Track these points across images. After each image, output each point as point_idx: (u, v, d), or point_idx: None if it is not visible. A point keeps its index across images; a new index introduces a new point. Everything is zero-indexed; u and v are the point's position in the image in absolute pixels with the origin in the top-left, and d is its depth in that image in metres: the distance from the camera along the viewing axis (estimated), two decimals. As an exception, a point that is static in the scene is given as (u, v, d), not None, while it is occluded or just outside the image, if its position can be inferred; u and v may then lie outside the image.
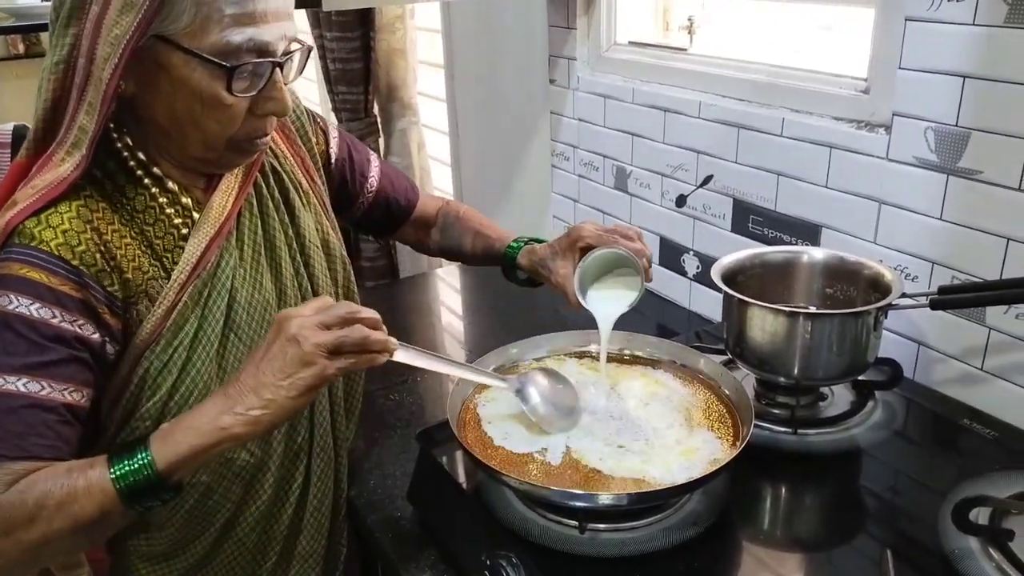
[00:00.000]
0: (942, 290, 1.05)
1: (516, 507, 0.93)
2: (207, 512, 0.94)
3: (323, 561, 1.05)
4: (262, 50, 0.82)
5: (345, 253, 1.09)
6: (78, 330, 0.81)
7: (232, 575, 0.99)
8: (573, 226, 1.07)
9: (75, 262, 0.81)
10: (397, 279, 2.53)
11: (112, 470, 0.76)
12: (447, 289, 1.86)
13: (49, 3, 0.86)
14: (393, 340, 0.81)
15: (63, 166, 0.82)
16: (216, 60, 0.79)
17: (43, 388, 0.78)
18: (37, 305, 0.79)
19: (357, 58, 2.29)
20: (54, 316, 0.79)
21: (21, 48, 3.95)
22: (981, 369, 1.12)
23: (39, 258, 0.80)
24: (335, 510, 1.05)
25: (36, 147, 0.85)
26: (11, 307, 0.78)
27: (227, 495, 0.94)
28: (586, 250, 1.04)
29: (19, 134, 2.87)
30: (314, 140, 1.08)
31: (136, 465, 0.76)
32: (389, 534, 1.01)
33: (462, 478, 0.99)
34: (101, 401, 0.87)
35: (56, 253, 0.80)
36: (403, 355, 0.83)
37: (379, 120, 2.47)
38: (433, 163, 2.58)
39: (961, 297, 1.03)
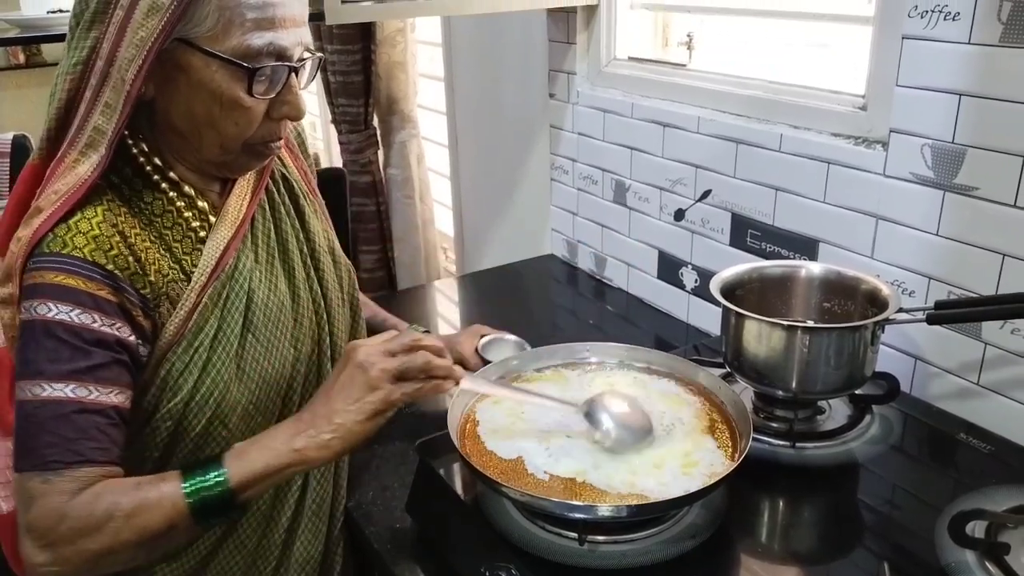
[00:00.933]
0: (939, 305, 1.06)
1: (516, 519, 0.93)
2: None
3: (319, 569, 1.05)
4: (280, 54, 0.85)
5: (349, 262, 1.11)
6: (117, 333, 0.83)
7: None
8: (474, 325, 1.33)
9: (109, 267, 0.83)
10: (395, 291, 2.54)
11: (185, 485, 0.79)
12: (445, 301, 1.86)
13: (53, 15, 0.88)
14: (459, 368, 0.87)
15: (80, 167, 0.83)
16: (237, 61, 0.82)
17: (90, 392, 0.80)
18: (77, 311, 0.81)
19: (358, 71, 2.32)
20: (94, 321, 0.81)
21: (22, 58, 3.96)
22: (977, 384, 1.13)
23: (74, 265, 0.81)
24: (332, 516, 1.06)
25: (48, 148, 0.87)
26: (51, 314, 0.80)
27: None
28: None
29: (19, 143, 2.89)
30: (310, 159, 1.13)
31: (211, 482, 0.80)
32: (388, 545, 1.01)
33: (461, 489, 0.99)
34: None
35: (90, 259, 0.82)
36: (469, 383, 0.90)
37: (379, 132, 2.49)
38: (432, 175, 2.60)
39: (957, 312, 1.04)
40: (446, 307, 1.83)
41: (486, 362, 1.29)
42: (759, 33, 1.56)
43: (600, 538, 0.89)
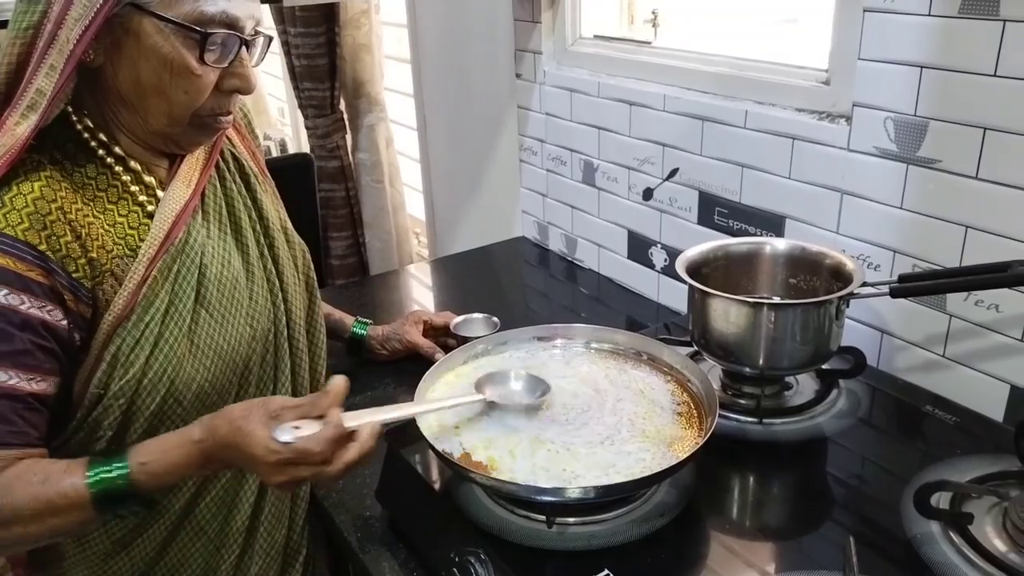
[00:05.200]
0: (902, 278, 1.06)
1: (484, 504, 0.92)
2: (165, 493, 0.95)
3: (283, 555, 1.04)
4: (232, 24, 0.85)
5: (303, 242, 1.11)
6: (46, 316, 0.81)
7: (189, 569, 0.98)
8: (411, 311, 1.39)
9: (42, 247, 0.81)
10: (367, 276, 2.52)
11: (89, 474, 0.79)
12: (418, 286, 1.85)
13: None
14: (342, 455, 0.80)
15: (19, 128, 0.82)
16: (190, 26, 0.82)
17: (9, 378, 0.79)
18: (4, 291, 0.79)
19: (322, 54, 2.28)
20: (23, 303, 0.80)
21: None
22: (943, 356, 1.14)
23: (5, 243, 0.80)
24: (295, 500, 1.06)
25: None
26: None
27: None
28: (427, 323, 1.36)
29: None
30: (258, 140, 1.12)
31: (113, 473, 0.79)
32: (358, 534, 1.00)
33: (430, 476, 0.99)
34: (72, 381, 0.88)
35: (23, 239, 0.80)
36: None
37: (346, 116, 2.46)
38: (402, 159, 2.57)
39: (921, 285, 1.04)
40: (420, 292, 1.82)
41: (461, 339, 1.28)
42: (726, 9, 1.55)
43: (569, 520, 0.89)
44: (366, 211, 2.50)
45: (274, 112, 3.49)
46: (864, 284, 1.06)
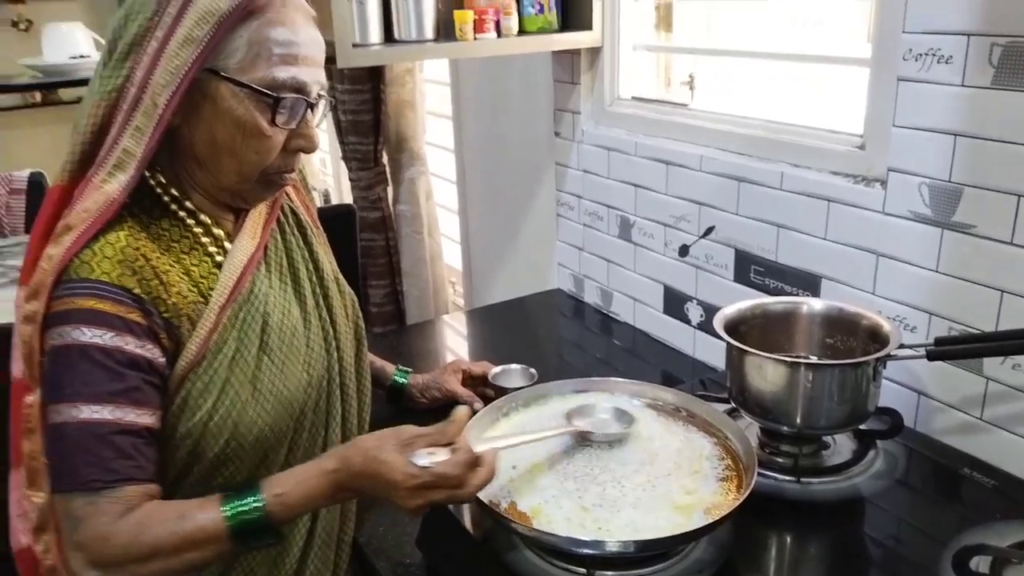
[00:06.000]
0: (939, 341, 1.07)
1: (525, 555, 0.94)
2: None
3: None
4: (300, 88, 0.91)
5: (352, 291, 1.16)
6: (148, 355, 0.87)
7: None
8: (450, 361, 1.43)
9: (136, 290, 0.87)
10: (404, 325, 2.56)
11: (224, 508, 0.83)
12: (454, 335, 1.89)
13: (75, 60, 0.93)
14: (474, 478, 0.86)
15: (108, 187, 0.87)
16: (264, 91, 0.88)
17: (126, 414, 0.84)
18: (110, 334, 0.84)
19: (367, 109, 2.36)
20: (127, 343, 0.85)
21: (38, 97, 4.03)
22: (981, 419, 1.14)
23: (104, 289, 0.85)
24: (340, 544, 1.08)
25: (75, 170, 0.90)
26: (85, 338, 0.83)
27: None
28: (466, 372, 1.39)
29: (35, 181, 2.94)
30: (311, 194, 1.18)
31: (248, 506, 0.84)
32: (398, 580, 1.02)
33: (471, 525, 1.01)
34: None
35: (118, 283, 0.86)
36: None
37: (388, 169, 2.53)
38: (441, 211, 2.63)
39: (958, 348, 1.05)
40: (455, 341, 1.85)
41: (499, 389, 1.31)
42: (760, 73, 1.60)
43: (608, 573, 0.90)
44: (405, 260, 2.55)
45: (316, 163, 3.60)
46: (901, 346, 1.08)
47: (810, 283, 1.33)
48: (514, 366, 1.41)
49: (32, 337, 0.88)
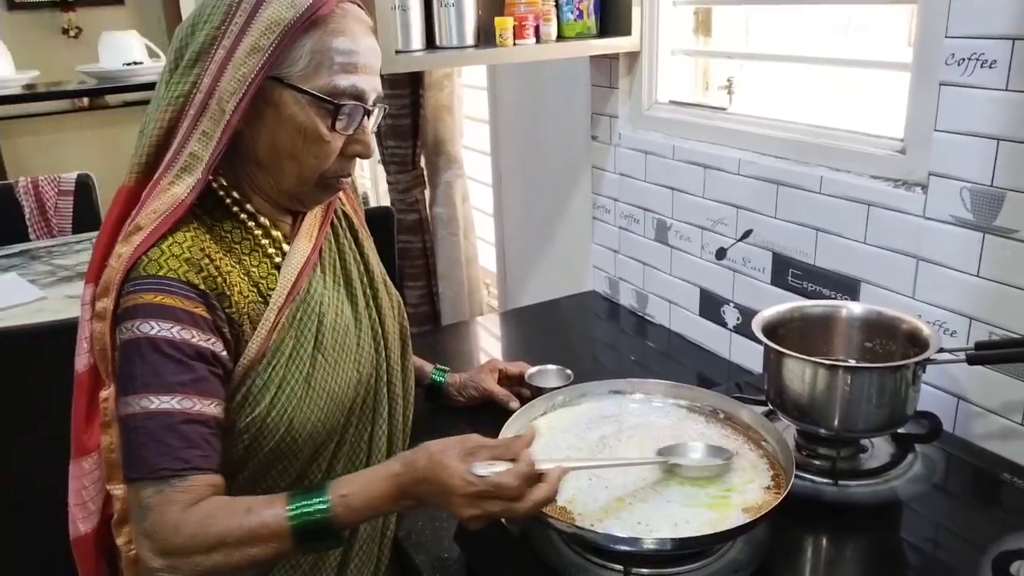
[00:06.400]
0: (979, 346, 1.07)
1: (562, 550, 0.96)
2: None
3: None
4: (359, 96, 0.94)
5: (397, 293, 1.18)
6: (212, 348, 0.90)
7: None
8: (488, 360, 1.43)
9: (201, 286, 0.90)
10: (439, 326, 2.59)
11: (290, 508, 0.84)
12: (487, 336, 1.91)
13: (129, 67, 0.97)
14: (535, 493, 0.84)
15: (175, 188, 0.91)
16: (325, 98, 0.91)
17: (195, 404, 0.87)
18: (178, 327, 0.87)
19: (406, 114, 2.39)
20: (193, 336, 0.88)
21: (86, 102, 4.15)
22: (1021, 424, 1.13)
23: (171, 285, 0.88)
24: (383, 541, 1.10)
25: (142, 172, 0.94)
26: (154, 332, 0.87)
27: None
28: (502, 372, 1.40)
29: (82, 183, 3.02)
30: (359, 198, 1.20)
31: (313, 508, 0.84)
32: (436, 575, 1.04)
33: (509, 521, 1.02)
34: None
35: (185, 279, 0.89)
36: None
37: (426, 172, 2.56)
38: (477, 214, 2.66)
39: (998, 353, 1.05)
40: (489, 342, 1.87)
41: (534, 389, 1.33)
42: (798, 77, 1.60)
43: (645, 571, 0.91)
44: (441, 262, 2.59)
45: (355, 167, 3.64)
46: (941, 350, 1.07)
47: (849, 287, 1.33)
48: (550, 366, 1.43)
49: (104, 333, 0.92)
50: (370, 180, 3.45)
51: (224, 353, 0.91)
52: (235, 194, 0.98)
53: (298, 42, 0.90)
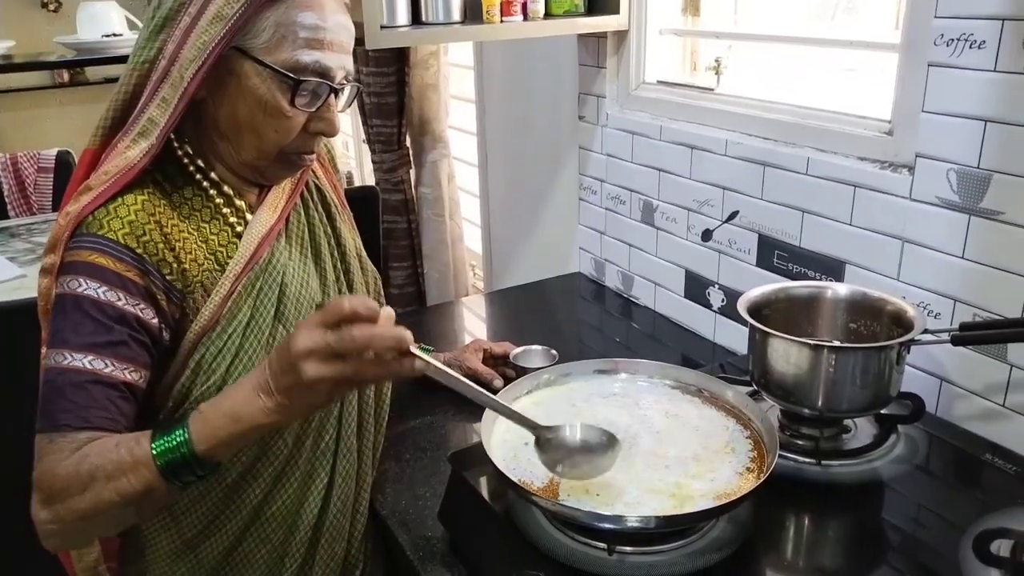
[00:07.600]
0: (963, 327, 1.07)
1: (546, 528, 0.95)
2: (238, 493, 0.99)
3: (341, 566, 1.09)
4: (324, 73, 0.92)
5: (375, 269, 1.18)
6: (139, 313, 0.88)
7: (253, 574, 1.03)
8: (472, 340, 1.44)
9: (139, 250, 0.89)
10: (424, 306, 2.58)
11: (154, 445, 0.81)
12: (473, 317, 1.90)
13: (108, 39, 0.96)
14: (407, 332, 0.78)
15: (130, 152, 0.90)
16: (286, 72, 0.90)
17: (107, 366, 0.86)
18: (104, 288, 0.86)
19: (391, 92, 2.37)
20: (119, 299, 0.87)
21: (66, 77, 4.08)
22: (1003, 405, 1.14)
23: (107, 245, 0.88)
24: (355, 515, 1.10)
25: (105, 135, 0.94)
26: (80, 289, 0.86)
27: (258, 479, 0.99)
28: (487, 352, 1.40)
29: (62, 160, 2.98)
30: (340, 174, 1.20)
31: (174, 442, 0.81)
32: (420, 553, 1.04)
33: (492, 499, 1.02)
34: (157, 383, 0.94)
35: (122, 242, 0.88)
36: (420, 357, 0.82)
37: (411, 152, 2.54)
38: (462, 194, 2.64)
39: (982, 334, 1.05)
40: (474, 323, 1.87)
41: (519, 369, 1.33)
42: (786, 58, 1.59)
43: (628, 549, 0.91)
44: (426, 243, 2.57)
45: (339, 146, 3.62)
46: (925, 331, 1.08)
47: (834, 269, 1.33)
48: (535, 347, 1.42)
49: (50, 288, 0.92)
50: (355, 159, 3.42)
51: (155, 320, 0.90)
52: (199, 162, 0.97)
53: (263, 14, 0.89)
